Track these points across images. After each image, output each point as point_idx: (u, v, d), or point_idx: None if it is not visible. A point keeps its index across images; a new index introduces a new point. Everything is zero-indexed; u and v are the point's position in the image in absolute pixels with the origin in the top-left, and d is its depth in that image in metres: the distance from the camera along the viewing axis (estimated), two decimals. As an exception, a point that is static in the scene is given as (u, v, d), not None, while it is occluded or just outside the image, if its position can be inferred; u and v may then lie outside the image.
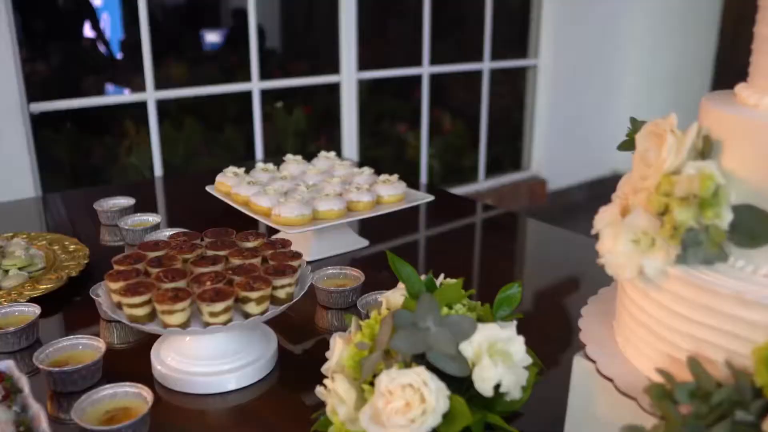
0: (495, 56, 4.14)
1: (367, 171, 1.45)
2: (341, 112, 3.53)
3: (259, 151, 3.41)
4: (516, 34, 4.35)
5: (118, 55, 3.95)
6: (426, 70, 3.74)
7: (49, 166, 2.92)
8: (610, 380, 0.68)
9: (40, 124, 2.74)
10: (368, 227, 1.51)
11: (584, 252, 1.43)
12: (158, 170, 3.20)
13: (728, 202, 0.63)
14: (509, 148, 4.57)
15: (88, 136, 3.62)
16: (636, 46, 4.72)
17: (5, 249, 1.27)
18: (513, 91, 4.51)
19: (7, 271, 1.22)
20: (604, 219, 0.70)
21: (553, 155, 4.47)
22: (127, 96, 3.31)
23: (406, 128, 4.32)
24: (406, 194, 1.40)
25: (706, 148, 0.67)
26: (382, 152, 4.57)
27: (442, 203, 1.78)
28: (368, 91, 4.61)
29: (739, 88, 0.69)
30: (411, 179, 1.57)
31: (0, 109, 2.42)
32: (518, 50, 4.33)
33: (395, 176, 1.41)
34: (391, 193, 1.36)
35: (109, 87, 3.81)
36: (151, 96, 3.01)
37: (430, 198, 1.40)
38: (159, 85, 3.10)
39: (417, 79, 3.80)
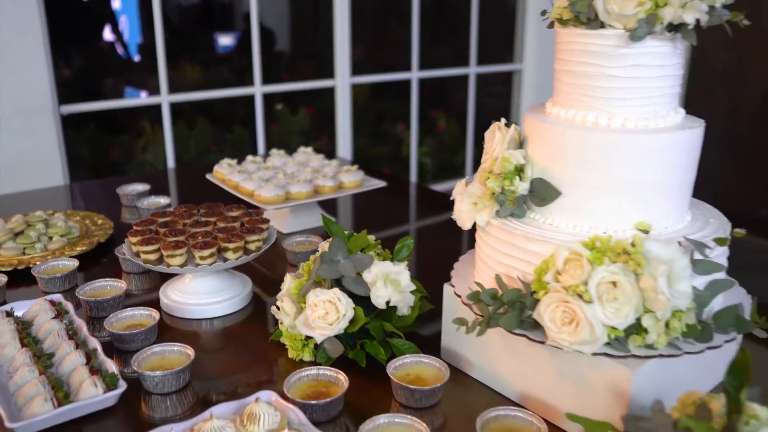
0: (485, 61, 4.46)
1: (335, 163, 1.80)
2: (336, 114, 3.88)
3: (261, 149, 3.76)
4: (503, 41, 4.68)
5: (136, 58, 4.30)
6: (415, 75, 4.08)
7: (74, 161, 3.29)
8: (459, 296, 1.03)
9: (66, 124, 3.11)
10: (333, 207, 1.87)
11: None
12: (171, 165, 3.56)
13: (527, 176, 0.97)
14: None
15: (107, 134, 4.00)
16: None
17: (49, 221, 1.64)
18: (502, 93, 4.84)
19: (51, 237, 1.58)
20: (457, 190, 1.05)
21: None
22: (143, 99, 3.68)
23: (404, 128, 4.66)
24: (363, 181, 1.75)
25: (521, 141, 1.02)
26: (381, 150, 4.91)
27: (403, 191, 2.13)
28: (370, 92, 4.95)
29: (547, 103, 1.03)
30: (403, 175, 1.91)
31: (35, 111, 2.80)
32: (506, 55, 4.66)
33: (355, 167, 1.76)
34: (350, 179, 1.71)
35: (127, 89, 4.17)
36: (165, 99, 3.38)
37: (383, 184, 1.75)
38: (173, 86, 3.46)
39: (416, 82, 4.13)
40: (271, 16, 4.53)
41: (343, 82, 3.75)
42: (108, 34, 4.05)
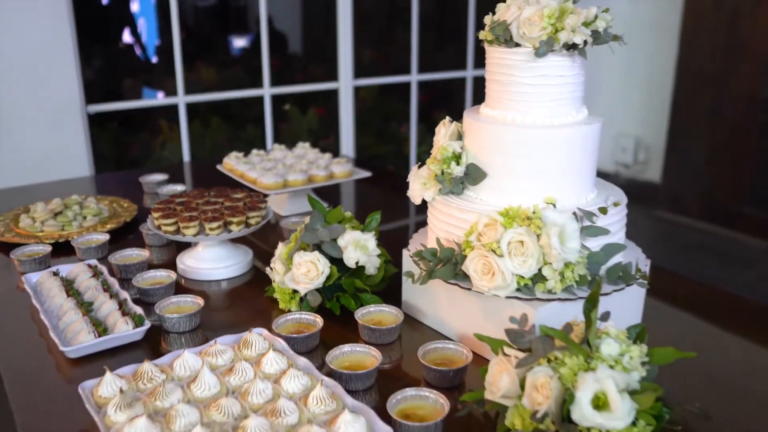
0: (483, 64, 4.72)
1: (327, 156, 2.08)
2: (340, 115, 4.16)
3: (269, 146, 4.04)
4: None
5: (154, 59, 4.59)
6: (414, 78, 4.35)
7: (98, 157, 3.59)
8: (411, 256, 1.30)
9: (91, 122, 3.40)
10: (325, 193, 2.14)
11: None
12: (186, 161, 3.85)
13: (463, 162, 1.24)
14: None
15: (128, 132, 4.31)
16: (609, 52, 5.27)
17: (83, 204, 1.93)
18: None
19: (85, 217, 1.87)
20: (411, 173, 1.32)
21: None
22: (161, 100, 3.98)
23: (408, 128, 4.92)
24: (352, 172, 2.02)
25: (461, 135, 1.28)
26: (385, 149, 5.19)
27: (401, 185, 2.41)
28: (378, 93, 5.22)
29: (482, 105, 1.30)
30: (405, 172, 2.17)
31: (65, 110, 3.10)
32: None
33: (344, 159, 2.04)
34: (340, 170, 1.98)
35: (145, 89, 4.46)
36: (181, 100, 3.67)
37: (368, 174, 2.02)
38: (189, 87, 3.74)
39: (419, 84, 4.39)
40: (284, 20, 4.81)
41: (346, 84, 4.03)
42: (127, 37, 4.35)
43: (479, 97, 5.04)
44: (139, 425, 0.93)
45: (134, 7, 4.36)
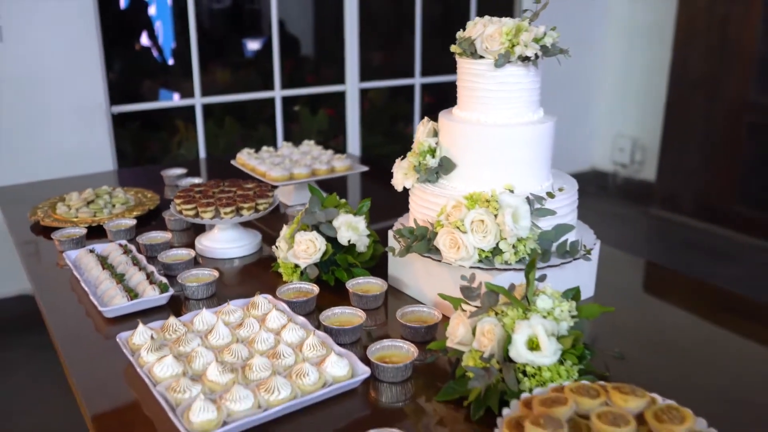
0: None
1: (330, 152, 2.31)
2: (346, 116, 4.40)
3: (280, 145, 4.28)
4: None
5: (170, 62, 4.84)
6: (418, 81, 4.58)
7: (119, 154, 3.85)
8: (394, 235, 1.52)
9: (114, 122, 3.66)
10: (327, 185, 2.37)
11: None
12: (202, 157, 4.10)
13: (438, 155, 1.47)
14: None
15: (147, 131, 4.56)
16: (609, 59, 5.47)
17: (112, 193, 2.18)
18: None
19: (114, 205, 2.12)
20: (395, 165, 1.54)
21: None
22: (179, 101, 4.23)
23: (412, 129, 5.15)
24: (351, 167, 2.25)
25: (436, 132, 1.51)
26: (393, 148, 5.42)
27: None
28: (387, 95, 5.45)
29: (454, 108, 1.52)
30: None
31: (93, 111, 3.37)
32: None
33: (344, 155, 2.27)
34: (340, 164, 2.21)
35: (162, 90, 4.71)
36: (198, 101, 3.92)
37: (366, 169, 2.25)
38: (205, 88, 3.99)
39: (426, 87, 4.61)
40: (297, 23, 5.05)
41: (352, 87, 4.26)
42: (145, 40, 4.59)
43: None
44: (166, 362, 1.17)
45: (151, 10, 4.59)
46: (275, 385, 1.11)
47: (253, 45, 5.20)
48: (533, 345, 1.09)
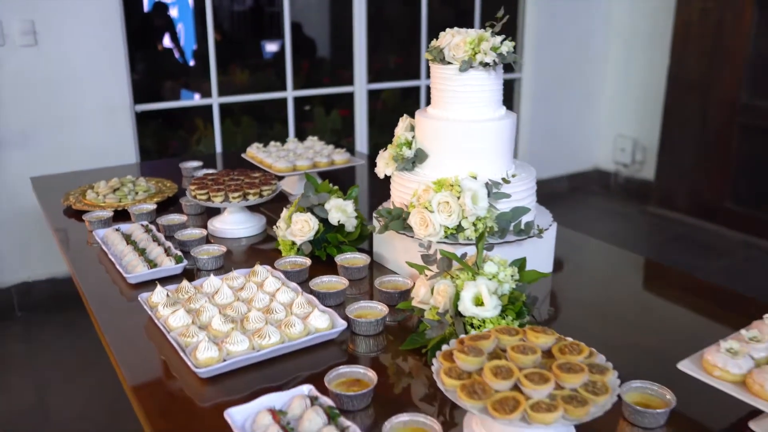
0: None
1: (330, 147, 2.56)
2: (355, 116, 4.65)
3: (293, 142, 4.54)
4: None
5: (191, 63, 5.10)
6: (423, 83, 4.82)
7: (142, 150, 4.13)
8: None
9: (137, 120, 3.94)
10: (334, 178, 2.62)
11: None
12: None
13: (413, 147, 1.71)
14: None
15: (168, 129, 4.84)
16: (610, 64, 5.67)
17: (136, 182, 2.44)
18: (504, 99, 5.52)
19: (137, 192, 2.38)
20: (379, 156, 1.78)
21: (535, 150, 5.44)
22: (198, 101, 4.51)
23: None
24: (349, 160, 2.49)
25: (413, 127, 1.75)
26: (402, 148, 5.64)
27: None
28: (400, 96, 5.68)
29: (429, 107, 1.76)
30: None
31: (118, 109, 3.66)
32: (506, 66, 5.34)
33: (344, 150, 2.52)
34: (339, 158, 2.46)
35: (183, 91, 4.98)
36: (215, 101, 4.19)
37: (363, 162, 2.49)
38: (225, 88, 4.26)
39: (428, 88, 4.84)
40: (313, 26, 5.30)
41: (360, 88, 4.51)
42: (167, 42, 4.86)
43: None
44: (179, 315, 1.42)
45: (174, 13, 4.85)
46: (267, 332, 1.35)
47: (271, 47, 5.44)
48: (478, 302, 1.32)
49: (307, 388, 1.17)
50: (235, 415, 1.12)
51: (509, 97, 5.46)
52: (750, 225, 4.52)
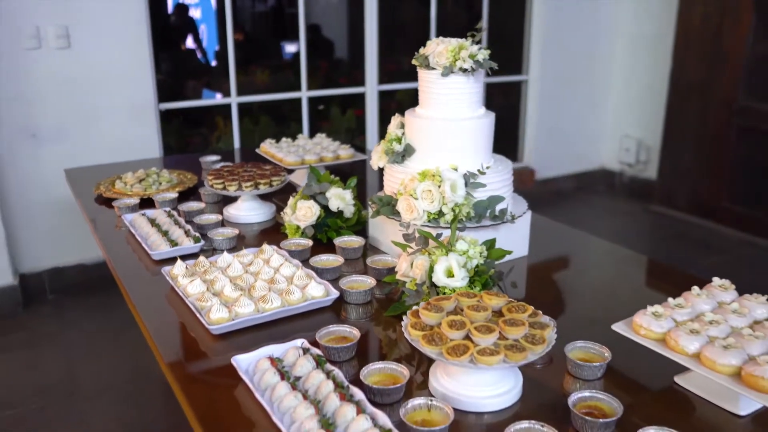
0: (496, 73, 5.36)
1: (337, 143, 2.80)
2: (366, 116, 4.88)
3: (307, 139, 4.78)
4: (511, 55, 5.57)
5: (213, 63, 5.35)
6: (432, 83, 5.03)
7: (165, 146, 4.40)
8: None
9: (161, 117, 4.21)
10: (341, 173, 2.85)
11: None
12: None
13: (403, 142, 1.93)
14: (507, 145, 5.78)
15: (190, 127, 5.10)
16: (615, 67, 5.84)
17: (159, 174, 2.70)
18: (511, 100, 5.73)
19: (161, 183, 2.63)
20: (373, 150, 2.01)
21: (541, 150, 5.64)
22: (218, 100, 4.77)
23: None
24: (354, 155, 2.73)
25: (403, 124, 1.97)
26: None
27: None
28: (414, 96, 5.88)
29: (417, 107, 1.98)
30: None
31: (143, 107, 3.93)
32: (514, 68, 5.55)
33: (348, 146, 2.75)
34: (344, 153, 2.69)
35: (205, 90, 5.23)
36: (234, 100, 4.45)
37: (365, 157, 2.72)
38: (245, 88, 4.50)
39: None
40: (332, 28, 5.54)
41: (371, 89, 4.74)
42: (190, 42, 5.11)
43: (492, 103, 5.69)
44: (195, 283, 1.66)
45: (196, 14, 5.10)
46: (270, 298, 1.59)
47: (290, 48, 5.68)
48: (450, 274, 1.55)
49: (300, 341, 1.41)
50: (240, 361, 1.36)
51: (517, 97, 5.66)
52: (746, 223, 4.67)
